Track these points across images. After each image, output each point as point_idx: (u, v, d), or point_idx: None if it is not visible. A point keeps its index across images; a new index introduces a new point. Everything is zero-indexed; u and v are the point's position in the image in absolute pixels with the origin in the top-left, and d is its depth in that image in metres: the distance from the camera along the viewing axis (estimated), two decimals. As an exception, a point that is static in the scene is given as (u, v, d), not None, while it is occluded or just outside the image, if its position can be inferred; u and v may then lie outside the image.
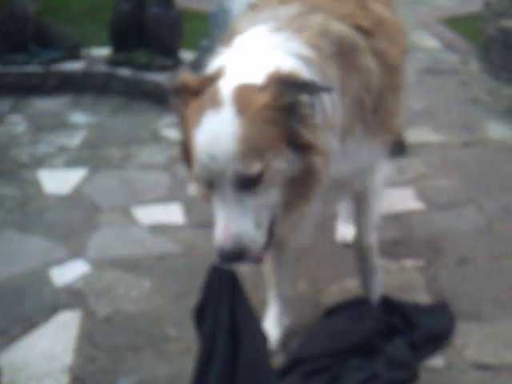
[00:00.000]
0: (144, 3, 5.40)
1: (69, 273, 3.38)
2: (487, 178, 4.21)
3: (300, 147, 2.05)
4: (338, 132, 2.28)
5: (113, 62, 5.46)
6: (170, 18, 5.38)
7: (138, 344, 2.94)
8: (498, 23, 5.48)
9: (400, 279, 3.31)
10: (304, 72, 2.10)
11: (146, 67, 5.37)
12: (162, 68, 5.36)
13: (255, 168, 1.98)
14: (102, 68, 5.47)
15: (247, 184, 2.01)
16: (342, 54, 2.31)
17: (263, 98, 1.99)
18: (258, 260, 2.12)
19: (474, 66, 5.82)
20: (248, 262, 2.10)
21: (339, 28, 2.35)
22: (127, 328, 3.03)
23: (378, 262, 3.08)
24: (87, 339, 2.96)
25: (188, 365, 2.80)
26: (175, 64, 5.41)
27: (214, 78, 2.10)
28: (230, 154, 1.96)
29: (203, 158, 2.00)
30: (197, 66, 5.16)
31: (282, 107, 2.01)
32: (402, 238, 3.62)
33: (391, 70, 2.57)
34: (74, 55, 5.58)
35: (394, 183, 3.79)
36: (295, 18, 2.30)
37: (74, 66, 5.50)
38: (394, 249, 3.49)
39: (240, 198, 2.02)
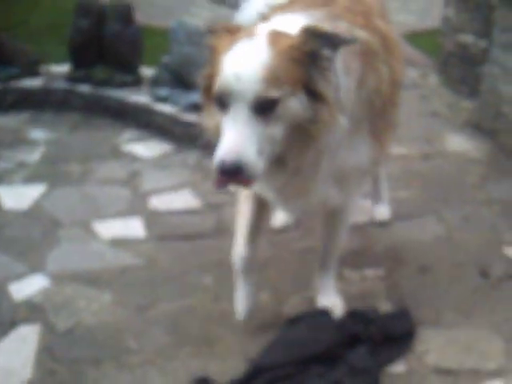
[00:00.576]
0: (103, 19, 5.38)
1: (28, 287, 3.33)
2: (447, 189, 4.25)
3: (313, 94, 2.23)
4: (348, 114, 2.39)
5: (72, 78, 5.43)
6: (130, 34, 5.38)
7: (98, 357, 2.90)
8: (456, 38, 5.56)
9: (361, 288, 3.33)
10: None
11: (106, 83, 5.34)
12: (122, 84, 5.34)
13: (273, 93, 2.15)
14: (62, 84, 5.43)
15: (262, 108, 2.16)
16: (366, 54, 2.51)
17: (293, 40, 2.22)
18: (247, 183, 2.23)
19: (434, 80, 5.89)
20: (239, 183, 2.21)
21: (363, 33, 2.54)
22: (88, 341, 2.99)
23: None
24: (47, 353, 2.92)
25: (150, 376, 2.79)
26: (135, 80, 5.40)
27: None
28: (254, 75, 2.15)
29: (228, 75, 2.18)
30: (157, 82, 5.16)
31: (307, 52, 2.21)
32: (364, 248, 3.64)
33: (395, 84, 2.77)
34: (33, 72, 5.54)
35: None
36: (324, 19, 2.45)
37: (33, 82, 5.45)
38: (355, 258, 3.50)
39: (251, 120, 2.17)
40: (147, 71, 5.53)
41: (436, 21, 6.45)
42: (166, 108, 4.96)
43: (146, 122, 5.03)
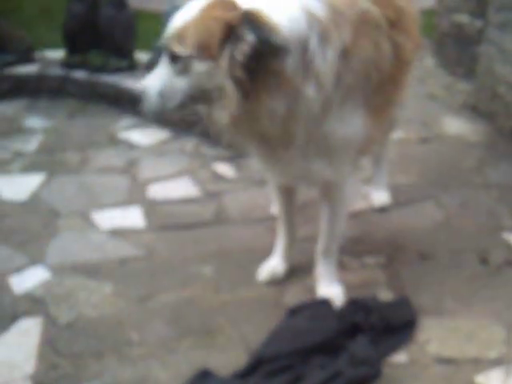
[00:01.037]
0: (97, 5, 5.34)
1: (28, 280, 3.33)
2: (445, 173, 4.25)
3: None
4: (328, 83, 2.45)
5: (67, 64, 5.40)
6: (123, 19, 5.34)
7: (100, 349, 2.91)
8: (451, 18, 5.53)
9: (361, 276, 3.33)
10: (295, 24, 2.39)
11: (101, 69, 5.32)
12: (117, 69, 5.31)
13: (178, 50, 2.40)
14: (57, 71, 5.40)
15: (172, 59, 2.45)
16: (363, 24, 2.54)
17: (226, 15, 2.35)
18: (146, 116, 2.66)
19: (430, 62, 5.87)
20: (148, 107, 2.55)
21: (368, 4, 2.59)
22: (89, 334, 3.00)
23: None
24: (49, 346, 2.92)
25: (151, 368, 2.79)
26: (130, 65, 5.37)
27: None
28: (172, 30, 2.44)
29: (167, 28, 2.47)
30: (152, 66, 5.12)
31: (233, 32, 2.33)
32: (363, 235, 3.64)
33: (401, 63, 2.78)
34: (28, 58, 5.51)
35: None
36: None
37: (28, 69, 5.42)
38: (354, 246, 3.50)
39: (166, 66, 2.48)
40: (142, 56, 5.50)
41: (430, 1, 6.41)
42: (163, 94, 4.93)
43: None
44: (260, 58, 2.32)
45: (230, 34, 2.33)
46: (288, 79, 2.39)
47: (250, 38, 2.30)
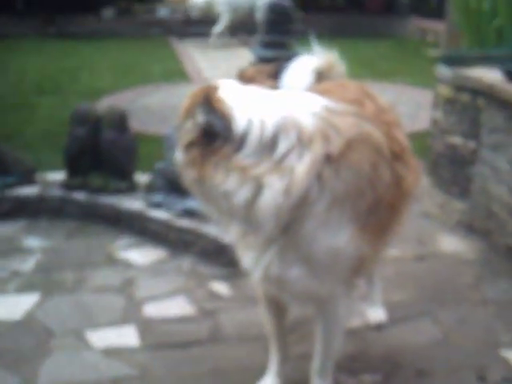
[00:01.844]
0: (98, 128, 5.48)
1: (20, 401, 3.29)
2: (442, 290, 4.25)
3: None
4: (302, 181, 2.46)
5: (68, 186, 5.49)
6: (125, 141, 5.46)
7: None
8: (445, 140, 5.65)
9: (358, 395, 3.29)
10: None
11: (101, 190, 5.40)
12: (117, 191, 5.39)
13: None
14: (57, 192, 5.48)
15: None
16: (361, 143, 2.61)
17: (196, 94, 2.56)
18: None
19: (425, 181, 5.95)
20: None
21: (373, 130, 2.70)
22: None
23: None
24: None
25: None
26: (130, 187, 5.46)
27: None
28: None
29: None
30: (151, 188, 5.22)
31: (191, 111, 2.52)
32: (359, 352, 3.60)
33: (402, 193, 2.88)
34: (30, 180, 5.60)
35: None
36: (352, 115, 2.68)
37: (28, 190, 5.50)
38: (350, 364, 3.46)
39: None
40: (142, 177, 5.59)
41: (425, 123, 6.58)
42: (161, 214, 5.00)
43: (141, 229, 5.06)
44: (209, 139, 2.46)
45: (191, 111, 2.52)
46: (242, 167, 2.45)
47: (199, 118, 2.47)
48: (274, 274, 2.70)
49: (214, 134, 2.46)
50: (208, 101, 2.47)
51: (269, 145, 2.46)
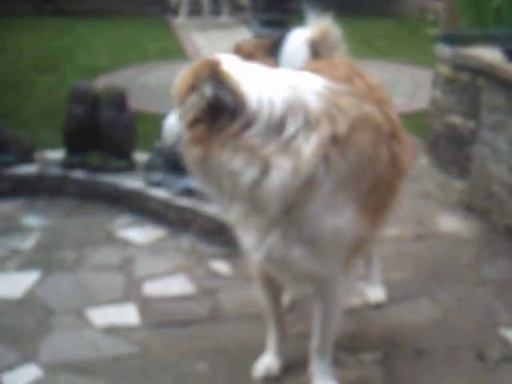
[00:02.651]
0: (97, 106, 5.46)
1: (21, 378, 3.29)
2: (441, 269, 4.26)
3: None
4: (309, 162, 2.46)
5: (66, 164, 5.48)
6: (124, 120, 5.44)
7: None
8: (444, 119, 5.64)
9: (357, 373, 3.30)
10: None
11: (100, 169, 5.39)
12: (116, 170, 5.39)
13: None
14: (56, 171, 5.47)
15: None
16: (363, 122, 2.63)
17: (198, 69, 2.48)
18: None
19: (424, 161, 5.95)
20: None
21: (373, 110, 2.74)
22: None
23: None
24: None
25: None
26: (129, 165, 5.45)
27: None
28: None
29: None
30: (151, 167, 5.21)
31: (195, 86, 2.45)
32: (358, 331, 3.62)
33: (397, 171, 2.88)
34: (28, 158, 5.59)
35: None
36: (343, 92, 2.67)
37: (27, 169, 5.49)
38: (350, 343, 3.48)
39: None
40: (141, 156, 5.58)
41: (424, 102, 6.56)
42: (160, 193, 4.99)
43: (140, 207, 5.06)
44: (216, 114, 2.41)
45: (196, 85, 2.44)
46: (250, 146, 2.43)
47: (207, 92, 2.41)
48: (277, 254, 2.69)
49: (221, 109, 2.41)
50: (216, 73, 2.41)
51: (277, 125, 2.45)
